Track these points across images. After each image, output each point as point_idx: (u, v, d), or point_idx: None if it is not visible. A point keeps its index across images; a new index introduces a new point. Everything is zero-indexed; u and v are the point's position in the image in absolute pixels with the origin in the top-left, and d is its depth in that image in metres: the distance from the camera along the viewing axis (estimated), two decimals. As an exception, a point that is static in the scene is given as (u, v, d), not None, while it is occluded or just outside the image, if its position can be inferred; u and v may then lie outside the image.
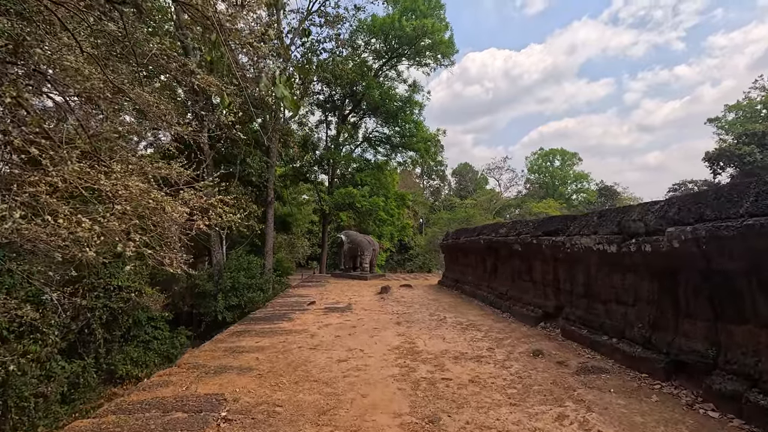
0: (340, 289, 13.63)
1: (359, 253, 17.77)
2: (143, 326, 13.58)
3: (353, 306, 9.89)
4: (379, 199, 23.95)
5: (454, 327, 7.27)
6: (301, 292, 12.94)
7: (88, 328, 11.21)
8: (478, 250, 10.91)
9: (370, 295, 11.93)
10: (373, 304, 10.26)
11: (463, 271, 12.50)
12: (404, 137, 26.83)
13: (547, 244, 6.86)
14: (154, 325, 14.36)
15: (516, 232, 8.34)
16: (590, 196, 65.38)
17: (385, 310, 9.20)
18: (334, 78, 24.15)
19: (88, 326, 11.23)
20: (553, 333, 6.48)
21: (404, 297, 11.41)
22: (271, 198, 23.31)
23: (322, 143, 28.45)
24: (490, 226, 10.71)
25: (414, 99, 25.73)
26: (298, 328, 7.28)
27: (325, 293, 12.41)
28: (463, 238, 12.19)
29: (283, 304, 10.26)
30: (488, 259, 10.21)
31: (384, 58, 26.84)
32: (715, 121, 50.18)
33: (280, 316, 8.46)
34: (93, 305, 11.01)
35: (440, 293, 12.20)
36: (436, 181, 73.60)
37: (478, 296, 10.39)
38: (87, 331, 11.25)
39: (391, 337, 6.63)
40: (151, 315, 14.42)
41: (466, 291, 11.52)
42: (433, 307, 9.62)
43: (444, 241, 14.77)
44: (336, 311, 9.12)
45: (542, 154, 70.09)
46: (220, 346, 6.08)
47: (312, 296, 11.75)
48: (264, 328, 7.35)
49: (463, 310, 8.99)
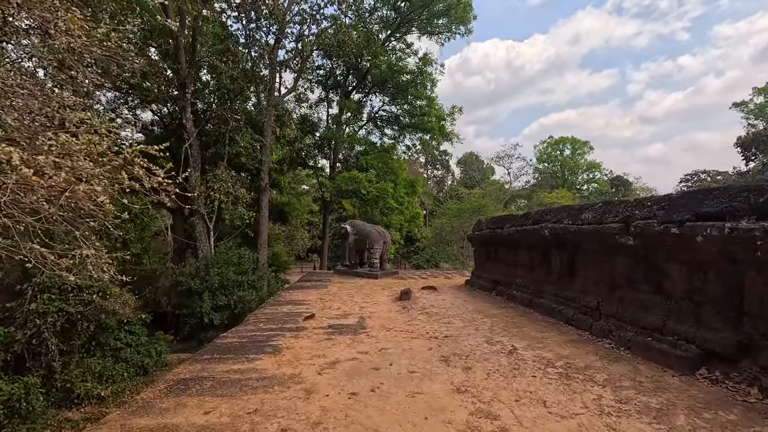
0: (347, 291, 10.76)
1: (367, 246, 14.88)
2: (113, 332, 11.18)
3: (367, 321, 7.02)
4: (387, 184, 21.00)
5: (544, 371, 4.38)
6: (296, 296, 10.07)
7: (39, 337, 9.08)
8: (536, 244, 8.00)
9: (387, 302, 9.05)
10: (395, 317, 7.39)
11: (507, 271, 9.59)
12: (414, 116, 23.77)
13: (710, 235, 3.97)
14: (129, 329, 11.85)
15: (618, 216, 5.43)
16: (602, 186, 62.77)
17: (416, 331, 6.33)
18: (338, 46, 21.03)
19: (38, 335, 9.06)
20: (742, 392, 3.59)
21: (433, 305, 8.53)
22: (266, 183, 20.37)
23: (323, 124, 25.41)
24: (550, 211, 7.80)
25: (426, 71, 22.58)
26: (285, 373, 4.41)
27: (328, 298, 9.54)
28: (508, 227, 9.27)
29: (270, 318, 7.38)
30: (556, 256, 7.30)
31: (392, 27, 23.69)
32: (742, 105, 46.93)
33: (261, 344, 5.59)
34: (45, 309, 9.12)
35: (477, 299, 9.33)
36: (441, 171, 70.99)
37: (540, 307, 7.50)
38: (37, 341, 9.07)
39: (445, 394, 3.76)
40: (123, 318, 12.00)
41: (516, 298, 8.63)
42: (483, 324, 6.73)
43: (475, 231, 11.85)
44: (344, 332, 6.25)
45: (552, 143, 67.31)
46: (135, 425, 3.22)
47: (310, 303, 8.87)
48: (230, 371, 4.49)
49: (532, 332, 6.10)
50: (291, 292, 11.00)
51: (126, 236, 15.11)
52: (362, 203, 21.97)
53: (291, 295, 10.28)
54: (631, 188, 60.21)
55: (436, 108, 23.61)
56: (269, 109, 20.13)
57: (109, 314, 10.88)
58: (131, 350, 11.37)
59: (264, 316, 7.69)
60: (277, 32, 19.94)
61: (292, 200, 34.23)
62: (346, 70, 24.62)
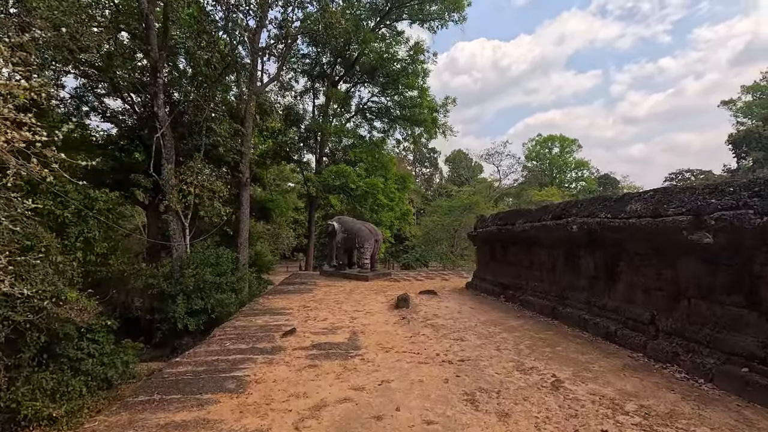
0: (335, 297, 9.39)
1: (357, 244, 13.52)
2: (72, 341, 9.84)
3: (361, 338, 5.68)
4: (377, 179, 19.63)
5: (614, 421, 3.11)
6: (276, 303, 8.65)
7: (-22, 351, 7.74)
8: (559, 242, 6.76)
9: (383, 310, 7.73)
10: (395, 332, 6.07)
11: (519, 273, 8.36)
12: (406, 108, 22.44)
13: None
14: (92, 337, 10.46)
15: (682, 207, 4.21)
16: (590, 184, 62.76)
17: (423, 351, 5.02)
18: (324, 31, 19.57)
19: (-23, 349, 7.72)
20: None
21: (437, 315, 7.23)
22: (247, 178, 18.85)
23: (308, 115, 23.89)
24: (578, 203, 6.59)
25: (418, 59, 21.23)
26: (247, 430, 3.06)
27: (313, 306, 8.17)
28: (522, 223, 8.03)
29: (241, 334, 5.98)
30: (588, 257, 6.07)
31: (381, 13, 22.30)
32: (730, 103, 47.01)
33: (223, 375, 4.21)
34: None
35: (486, 306, 8.07)
36: (429, 168, 70.14)
37: (566, 317, 6.28)
38: (-24, 355, 7.74)
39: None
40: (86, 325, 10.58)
41: (532, 305, 7.40)
42: (505, 341, 5.46)
43: (478, 229, 10.60)
44: (332, 355, 4.91)
45: (540, 141, 67.09)
46: None
47: (291, 313, 7.48)
48: (169, 426, 3.11)
49: (571, 353, 4.85)
50: (270, 298, 9.57)
51: (88, 234, 13.47)
52: (350, 199, 20.58)
53: (270, 302, 8.86)
54: (618, 186, 60.26)
55: (428, 99, 22.32)
56: (251, 97, 18.63)
57: (63, 322, 9.41)
58: (94, 361, 10.04)
59: (234, 330, 6.28)
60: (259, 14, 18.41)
61: (276, 197, 32.61)
62: (333, 58, 23.15)
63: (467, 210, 34.43)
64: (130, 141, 19.41)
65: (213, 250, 16.06)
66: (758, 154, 34.92)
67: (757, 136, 33.33)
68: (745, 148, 36.20)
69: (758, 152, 34.71)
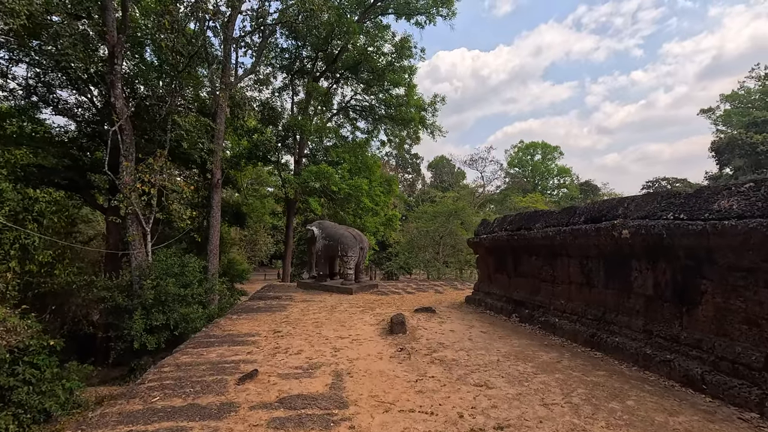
0: (314, 316, 7.73)
1: (340, 252, 11.88)
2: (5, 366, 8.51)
3: (347, 385, 4.09)
4: (362, 180, 18.04)
5: None
6: (239, 327, 6.93)
7: None
8: (599, 251, 5.34)
9: (374, 336, 6.13)
10: (392, 373, 4.49)
11: (538, 288, 6.91)
12: (392, 106, 21.01)
13: None
14: (30, 360, 9.00)
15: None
16: (572, 191, 63.11)
17: (439, 410, 3.46)
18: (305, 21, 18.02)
19: None
20: None
21: (444, 344, 5.67)
22: (218, 179, 17.01)
23: (287, 113, 22.17)
24: (623, 201, 5.20)
25: (406, 52, 19.83)
26: None
27: (286, 331, 6.50)
28: (541, 227, 6.61)
29: (182, 378, 4.29)
30: (646, 271, 4.65)
31: (366, 5, 20.90)
32: (709, 112, 47.71)
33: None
34: None
35: (500, 330, 6.57)
36: (412, 174, 69.33)
37: (615, 349, 4.84)
38: None
39: None
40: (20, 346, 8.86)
41: (561, 329, 5.95)
42: (548, 390, 3.95)
43: (481, 234, 9.13)
44: (306, 422, 3.30)
45: (522, 148, 67.30)
46: None
47: (257, 341, 5.80)
48: None
49: (652, 411, 3.37)
50: (234, 318, 7.80)
51: (26, 240, 11.44)
52: (332, 203, 18.92)
53: (232, 325, 7.12)
54: (599, 194, 60.67)
55: (415, 97, 20.96)
56: (223, 90, 16.88)
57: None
58: (29, 389, 8.47)
59: (174, 372, 4.57)
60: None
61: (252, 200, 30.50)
62: (314, 53, 21.58)
63: (452, 216, 33.35)
64: (91, 138, 17.36)
65: (178, 258, 14.17)
66: (740, 161, 35.04)
67: (741, 143, 33.35)
68: (727, 155, 36.31)
69: (740, 159, 34.83)
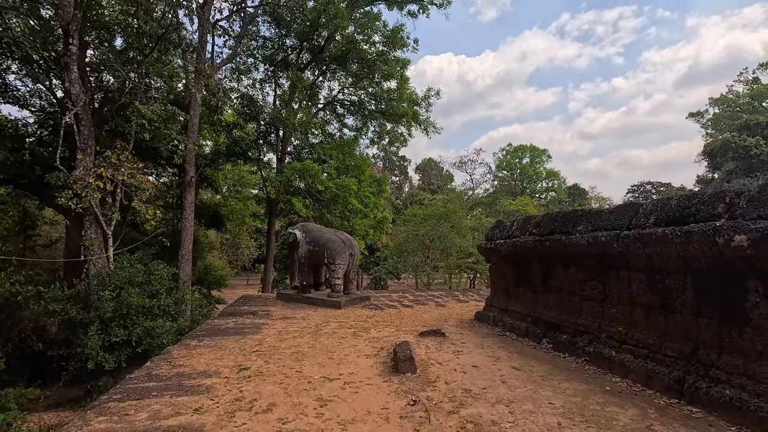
0: (293, 343, 6.11)
1: (327, 259, 10.25)
2: None
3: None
4: (350, 180, 16.46)
5: None
6: (195, 361, 5.27)
7: None
8: (681, 264, 3.89)
9: (372, 379, 4.56)
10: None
11: (580, 308, 5.44)
12: (383, 101, 19.52)
13: None
14: None
15: None
16: (560, 195, 62.88)
17: None
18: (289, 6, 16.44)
19: None
20: None
21: (470, 392, 4.14)
22: (191, 177, 15.21)
23: (269, 107, 20.47)
24: (725, 196, 3.80)
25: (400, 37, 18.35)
26: None
27: (255, 367, 4.87)
28: (586, 231, 5.15)
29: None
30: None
31: (355, -8, 19.40)
32: (698, 116, 47.68)
33: None
34: None
35: (533, 361, 5.08)
36: (399, 177, 68.27)
37: (722, 405, 3.39)
38: None
39: None
40: None
41: (625, 368, 4.48)
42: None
43: (495, 240, 7.63)
44: None
45: (511, 151, 66.97)
46: None
47: (214, 388, 4.16)
48: None
49: None
50: (191, 346, 6.10)
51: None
52: (318, 204, 17.28)
53: (187, 356, 5.44)
54: (587, 197, 60.52)
55: (408, 91, 19.52)
56: (197, 79, 15.18)
57: None
58: None
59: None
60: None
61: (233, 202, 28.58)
62: (299, 42, 19.98)
63: (443, 219, 32.14)
64: (54, 132, 15.52)
65: (143, 264, 12.39)
66: (732, 164, 34.68)
67: (734, 146, 32.94)
68: (720, 158, 35.96)
69: (732, 162, 34.47)
